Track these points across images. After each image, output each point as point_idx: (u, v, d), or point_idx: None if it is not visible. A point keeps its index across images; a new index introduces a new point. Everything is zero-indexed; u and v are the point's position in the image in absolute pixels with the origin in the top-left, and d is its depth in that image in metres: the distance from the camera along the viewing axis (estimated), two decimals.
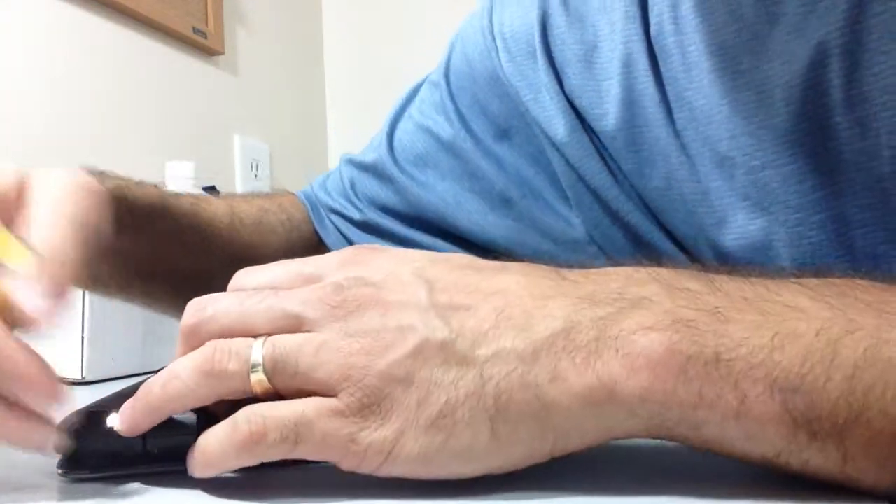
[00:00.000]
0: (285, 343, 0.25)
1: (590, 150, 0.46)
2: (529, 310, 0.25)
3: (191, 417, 0.28)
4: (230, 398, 0.26)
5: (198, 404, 0.26)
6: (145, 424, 0.26)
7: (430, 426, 0.24)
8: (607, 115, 0.45)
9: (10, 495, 0.28)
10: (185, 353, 0.26)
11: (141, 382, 0.39)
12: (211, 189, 1.04)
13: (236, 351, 0.25)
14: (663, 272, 0.26)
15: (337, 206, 0.57)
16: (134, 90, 1.05)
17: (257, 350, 0.25)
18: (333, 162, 1.53)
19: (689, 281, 0.26)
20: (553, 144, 0.48)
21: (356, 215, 0.56)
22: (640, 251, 0.47)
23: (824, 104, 0.36)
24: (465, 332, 0.25)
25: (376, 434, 0.24)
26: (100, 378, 0.62)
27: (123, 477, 0.28)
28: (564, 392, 0.24)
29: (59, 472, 0.28)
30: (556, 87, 0.47)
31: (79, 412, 0.29)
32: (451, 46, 0.56)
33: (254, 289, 0.28)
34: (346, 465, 0.25)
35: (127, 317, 0.65)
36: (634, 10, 0.43)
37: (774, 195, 0.38)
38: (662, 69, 0.42)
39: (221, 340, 0.26)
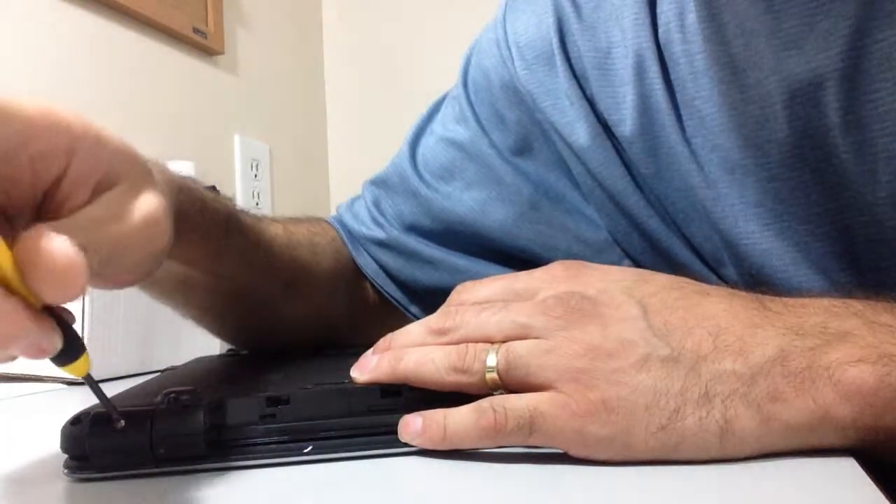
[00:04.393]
0: (517, 349, 0.29)
1: (612, 155, 0.46)
2: (742, 336, 0.27)
3: (198, 421, 0.28)
4: (463, 391, 0.29)
5: (436, 388, 0.30)
6: (382, 382, 0.31)
7: (660, 430, 0.26)
8: (625, 121, 0.45)
9: (17, 495, 0.28)
10: (431, 342, 0.31)
11: (145, 383, 0.39)
12: (211, 189, 1.04)
13: (479, 355, 0.29)
14: (859, 306, 0.28)
15: (364, 231, 0.57)
16: (134, 90, 1.05)
17: (493, 356, 0.29)
18: (334, 162, 1.53)
19: (884, 315, 0.28)
20: (572, 151, 0.48)
21: (380, 235, 0.56)
22: (658, 257, 0.47)
23: (824, 125, 0.36)
24: (686, 351, 0.27)
25: (604, 431, 0.27)
26: (100, 378, 0.62)
27: (129, 477, 0.28)
28: (784, 412, 0.26)
29: (65, 471, 0.28)
30: (578, 93, 0.47)
31: (86, 412, 0.29)
32: (467, 60, 0.56)
33: (475, 303, 0.32)
34: (575, 453, 0.27)
35: (127, 317, 0.65)
36: (644, 17, 0.43)
37: (785, 205, 0.39)
38: (672, 76, 0.43)
39: (470, 345, 0.30)
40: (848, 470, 0.25)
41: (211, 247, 0.43)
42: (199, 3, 1.18)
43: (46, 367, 0.47)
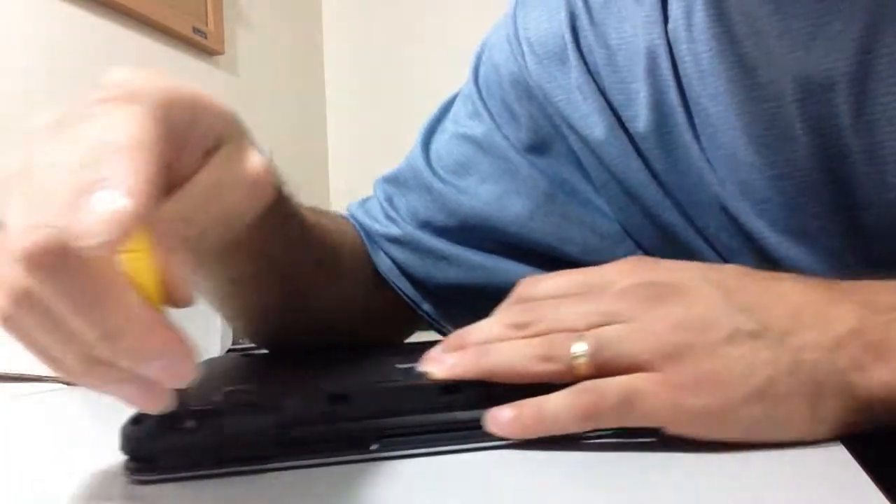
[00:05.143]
0: (606, 333, 0.29)
1: (628, 147, 0.46)
2: (820, 311, 0.28)
3: (265, 419, 0.27)
4: (552, 381, 0.29)
5: (522, 380, 0.29)
6: (465, 377, 0.30)
7: (754, 398, 0.27)
8: (638, 117, 0.45)
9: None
10: (512, 336, 0.31)
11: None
12: None
13: (566, 343, 0.29)
14: None
15: (378, 227, 0.56)
16: None
17: (580, 343, 0.29)
18: (334, 163, 1.53)
19: None
20: (586, 145, 0.48)
21: (395, 231, 0.55)
22: (672, 248, 0.47)
23: (836, 125, 0.37)
24: (770, 326, 0.28)
25: (700, 403, 0.27)
26: None
27: (194, 478, 0.28)
28: (866, 380, 0.27)
29: (127, 472, 0.28)
30: (592, 87, 0.47)
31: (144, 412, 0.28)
32: (478, 57, 0.56)
33: (543, 298, 0.32)
34: (672, 429, 0.28)
35: None
36: (656, 15, 0.44)
37: (796, 202, 0.39)
38: (681, 73, 0.43)
39: (555, 334, 0.30)
40: (837, 457, 0.26)
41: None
42: (199, 3, 1.18)
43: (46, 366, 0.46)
